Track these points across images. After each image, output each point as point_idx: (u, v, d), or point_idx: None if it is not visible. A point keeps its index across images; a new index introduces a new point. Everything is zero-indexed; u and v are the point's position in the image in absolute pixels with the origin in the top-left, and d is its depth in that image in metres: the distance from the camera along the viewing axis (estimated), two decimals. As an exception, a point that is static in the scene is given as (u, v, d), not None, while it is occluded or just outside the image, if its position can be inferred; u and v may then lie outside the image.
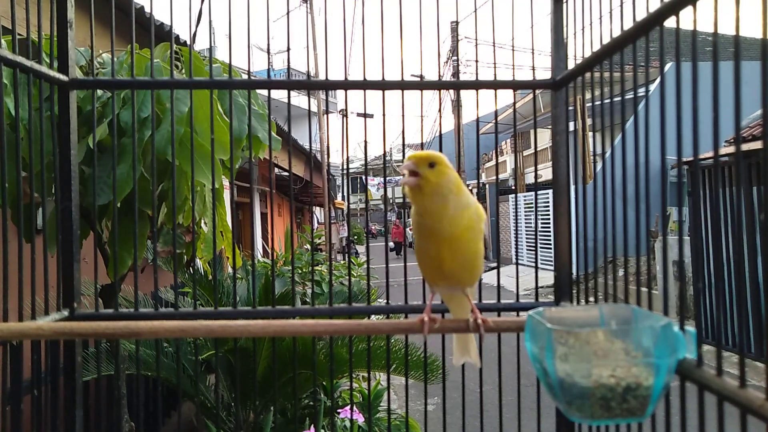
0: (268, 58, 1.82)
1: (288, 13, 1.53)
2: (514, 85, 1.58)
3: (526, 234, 17.36)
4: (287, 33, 1.60)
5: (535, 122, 1.72)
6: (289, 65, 1.73)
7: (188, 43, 1.85)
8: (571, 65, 1.44)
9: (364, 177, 1.72)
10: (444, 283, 1.10)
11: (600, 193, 1.27)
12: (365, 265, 1.80)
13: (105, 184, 1.76)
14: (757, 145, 0.77)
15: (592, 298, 1.38)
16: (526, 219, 17.52)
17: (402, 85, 1.51)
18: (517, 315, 1.49)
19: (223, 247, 2.56)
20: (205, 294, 3.38)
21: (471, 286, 1.12)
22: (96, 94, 1.59)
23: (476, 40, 1.72)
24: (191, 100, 1.52)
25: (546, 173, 1.74)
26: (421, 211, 1.04)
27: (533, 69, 1.57)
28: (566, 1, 1.49)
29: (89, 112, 1.69)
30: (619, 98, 1.20)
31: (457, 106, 19.81)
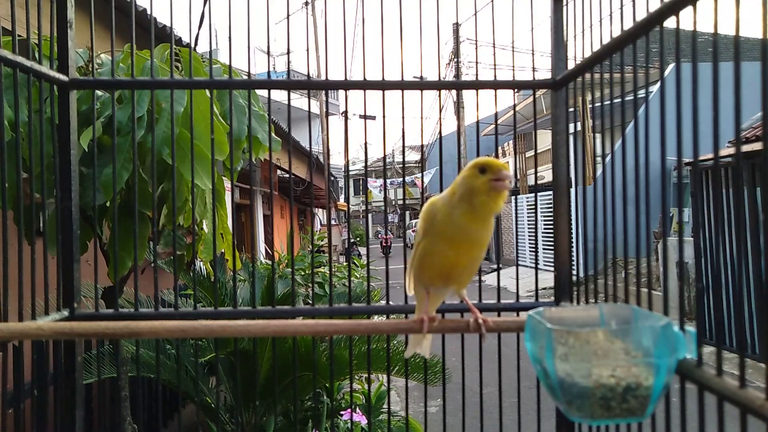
0: (268, 59, 1.82)
1: (288, 17, 1.53)
2: (514, 85, 1.59)
3: (528, 235, 17.34)
4: (287, 35, 1.60)
5: (535, 123, 1.71)
6: (289, 66, 1.73)
7: (189, 44, 1.85)
8: (571, 66, 1.44)
9: (365, 178, 1.72)
10: (442, 284, 1.10)
11: (600, 194, 1.27)
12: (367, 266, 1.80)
13: (98, 183, 1.75)
14: (758, 146, 0.76)
15: (593, 299, 1.38)
16: (528, 221, 17.50)
17: (402, 85, 1.52)
18: (517, 315, 1.49)
19: (223, 249, 2.56)
20: (207, 296, 3.38)
21: (465, 287, 1.13)
22: (95, 95, 1.59)
23: (476, 41, 1.72)
24: (191, 101, 1.52)
25: (548, 175, 1.75)
26: (480, 215, 1.00)
27: (533, 70, 1.57)
28: (566, 2, 1.49)
29: (84, 112, 1.69)
30: (619, 99, 1.20)
31: (457, 107, 19.79)
